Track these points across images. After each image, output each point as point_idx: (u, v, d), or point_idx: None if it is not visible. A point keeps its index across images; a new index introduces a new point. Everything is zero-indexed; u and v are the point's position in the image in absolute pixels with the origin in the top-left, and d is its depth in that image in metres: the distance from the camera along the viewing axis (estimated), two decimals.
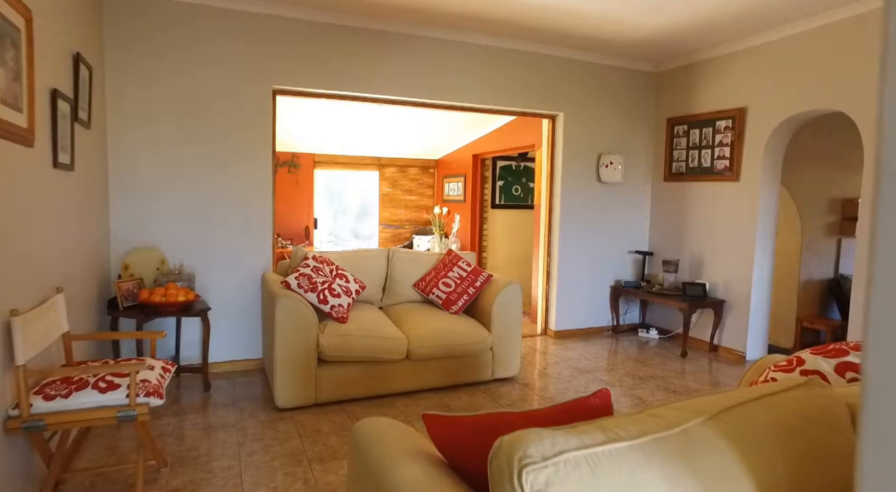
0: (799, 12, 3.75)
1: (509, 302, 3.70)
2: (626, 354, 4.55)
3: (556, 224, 4.97)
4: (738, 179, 4.43)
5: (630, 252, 5.32)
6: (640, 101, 5.19)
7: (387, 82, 4.18)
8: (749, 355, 4.44)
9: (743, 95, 4.38)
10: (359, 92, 4.12)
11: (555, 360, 4.32)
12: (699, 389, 3.71)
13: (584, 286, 5.12)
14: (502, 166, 7.63)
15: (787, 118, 4.08)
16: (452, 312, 3.73)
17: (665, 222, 5.17)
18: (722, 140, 4.54)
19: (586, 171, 5.00)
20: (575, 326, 5.11)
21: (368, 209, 8.58)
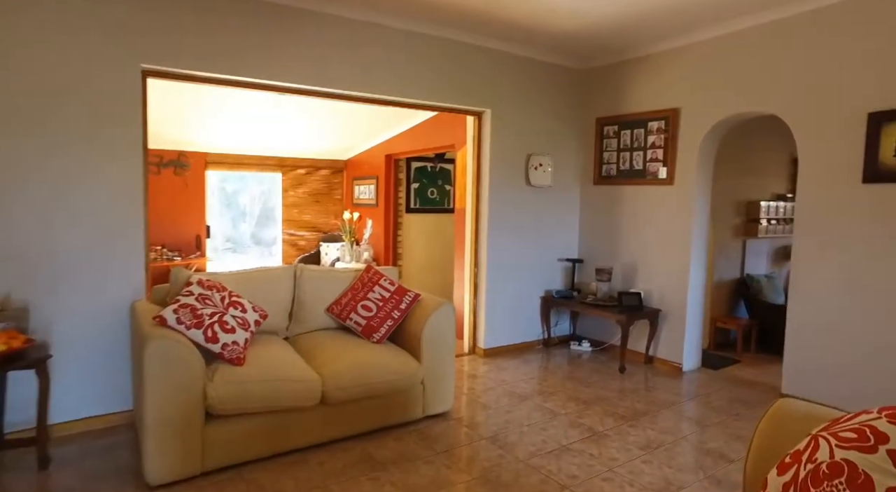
0: (730, 12, 3.58)
1: (441, 327, 3.18)
2: (563, 372, 4.20)
3: (483, 232, 4.54)
4: (671, 182, 4.24)
5: (560, 260, 5.01)
6: (568, 100, 4.89)
7: (292, 68, 3.50)
8: (685, 366, 4.27)
9: (675, 96, 4.19)
10: (257, 78, 3.41)
11: (488, 384, 3.87)
12: (647, 410, 3.42)
13: (514, 299, 4.74)
14: (417, 168, 7.12)
15: (720, 120, 3.93)
16: (374, 340, 3.15)
17: (595, 228, 4.92)
18: (654, 142, 4.33)
19: (515, 173, 4.61)
20: (505, 343, 4.71)
21: (271, 214, 7.71)
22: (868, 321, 3.23)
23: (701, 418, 3.32)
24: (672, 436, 3.05)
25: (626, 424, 3.21)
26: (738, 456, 2.82)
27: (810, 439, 1.30)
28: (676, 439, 3.00)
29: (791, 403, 1.65)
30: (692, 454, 2.83)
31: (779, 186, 6.56)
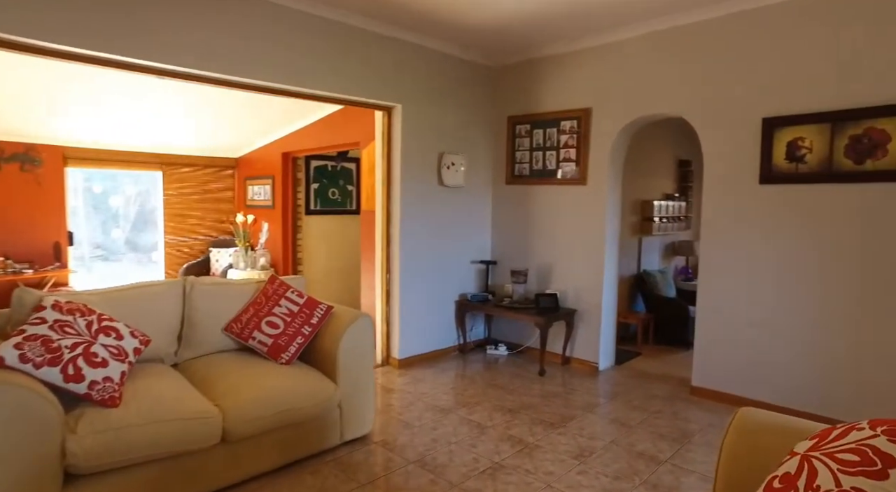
0: (637, 16, 3.63)
1: (359, 342, 2.86)
2: (483, 379, 4.05)
3: (395, 235, 4.26)
4: (584, 182, 4.25)
5: (473, 262, 4.87)
6: (481, 98, 4.76)
7: (172, 48, 2.98)
8: (602, 365, 4.30)
9: (587, 96, 4.20)
10: (130, 57, 2.86)
11: (408, 399, 3.60)
12: (572, 414, 3.35)
13: (428, 304, 4.51)
14: (317, 167, 6.66)
15: (630, 121, 3.99)
16: (283, 361, 2.76)
17: (509, 229, 4.84)
18: (567, 141, 4.32)
19: (427, 172, 4.39)
20: (420, 351, 4.47)
21: (150, 217, 6.83)
22: (768, 313, 3.41)
23: (625, 419, 3.31)
24: (601, 441, 2.99)
25: (555, 431, 3.10)
26: (666, 457, 2.81)
27: (801, 461, 1.20)
28: (606, 444, 2.95)
29: (752, 413, 1.57)
30: (625, 459, 2.77)
31: (667, 187, 6.97)
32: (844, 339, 3.13)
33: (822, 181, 3.16)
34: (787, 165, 3.28)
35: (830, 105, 3.12)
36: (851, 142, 3.06)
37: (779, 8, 3.27)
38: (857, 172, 3.05)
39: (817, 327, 3.22)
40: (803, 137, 3.21)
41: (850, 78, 3.05)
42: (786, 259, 3.33)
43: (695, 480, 2.57)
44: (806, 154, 3.21)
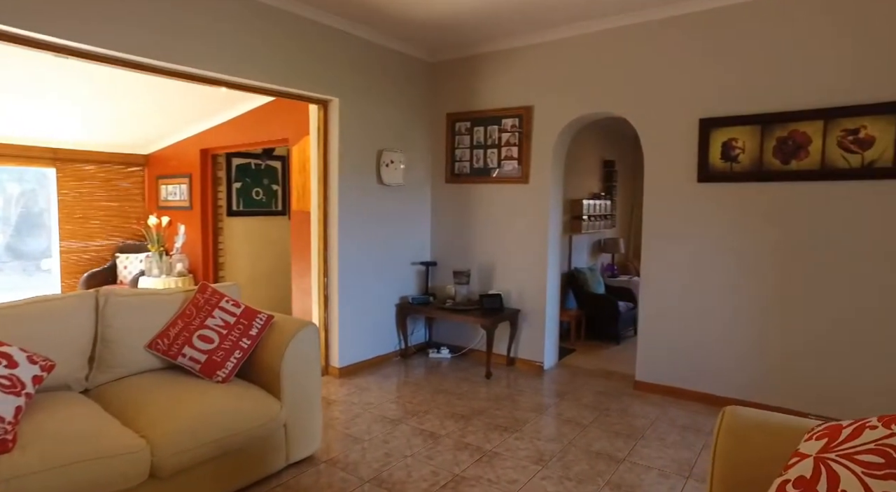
0: (578, 15, 3.64)
1: (305, 354, 2.62)
2: (430, 384, 3.90)
3: (333, 236, 4.01)
4: (527, 180, 4.22)
5: (414, 263, 4.71)
6: (420, 93, 4.61)
7: (75, 20, 2.58)
8: (547, 364, 4.30)
9: (529, 94, 4.17)
10: (19, 27, 2.43)
11: (353, 410, 3.38)
12: (526, 417, 3.29)
13: (368, 308, 4.30)
14: (239, 165, 6.21)
15: (572, 119, 4.00)
16: (219, 380, 2.46)
17: (449, 229, 4.72)
18: (509, 140, 4.27)
19: (366, 170, 4.18)
20: (361, 358, 4.25)
21: (38, 220, 6.05)
22: (708, 308, 3.53)
23: (577, 419, 3.29)
24: (559, 443, 2.94)
25: (511, 436, 3.02)
26: (623, 455, 2.81)
27: (816, 464, 1.16)
28: (564, 446, 2.90)
29: (739, 412, 1.54)
30: (585, 460, 2.74)
31: (594, 186, 7.18)
32: (780, 329, 3.30)
33: (754, 180, 3.31)
34: (723, 164, 3.41)
35: (760, 108, 3.27)
36: (778, 143, 3.23)
37: (712, 14, 3.39)
38: (783, 172, 3.23)
39: (754, 319, 3.38)
40: (737, 138, 3.35)
41: (777, 83, 3.22)
42: (723, 255, 3.46)
43: (655, 476, 2.58)
44: (739, 154, 3.35)
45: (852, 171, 3.04)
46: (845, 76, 3.03)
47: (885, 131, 2.95)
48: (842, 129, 3.05)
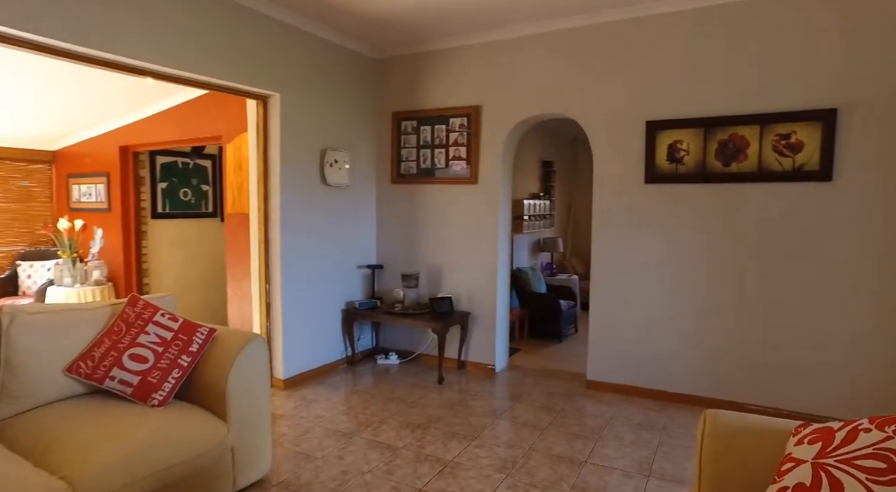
0: (532, 14, 3.62)
1: (254, 369, 2.41)
2: (381, 393, 3.76)
3: (275, 240, 3.77)
4: (475, 181, 4.16)
5: (359, 267, 4.53)
6: (364, 91, 4.44)
7: None
8: (498, 367, 4.26)
9: (477, 93, 4.11)
10: None
11: (303, 425, 3.18)
12: (483, 423, 3.22)
13: (314, 315, 4.09)
14: (165, 164, 5.76)
15: (521, 119, 3.98)
16: (155, 403, 2.21)
17: (396, 231, 4.59)
18: (457, 139, 4.20)
19: (309, 170, 3.96)
20: (307, 368, 4.03)
21: None
22: (656, 306, 3.61)
23: (534, 422, 3.26)
24: (520, 448, 2.89)
25: (471, 444, 2.94)
26: (584, 457, 2.80)
27: (815, 471, 1.15)
28: (526, 452, 2.86)
29: (719, 416, 1.54)
30: (548, 465, 2.70)
31: (533, 186, 7.27)
32: (726, 324, 3.43)
33: (698, 181, 3.42)
34: (669, 165, 3.50)
35: (703, 112, 3.38)
36: (720, 146, 3.35)
37: (657, 19, 3.47)
38: (725, 173, 3.35)
39: (700, 316, 3.49)
40: (682, 140, 3.44)
41: (718, 89, 3.34)
42: (671, 254, 3.55)
43: (618, 477, 2.58)
44: (684, 156, 3.45)
45: (785, 173, 3.20)
46: (778, 84, 3.19)
47: (812, 137, 3.13)
48: (775, 133, 3.21)
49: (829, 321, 3.16)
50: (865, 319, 3.08)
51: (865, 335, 3.09)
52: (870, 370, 3.09)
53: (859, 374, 3.11)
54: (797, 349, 3.25)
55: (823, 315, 3.17)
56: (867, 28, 2.98)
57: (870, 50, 2.98)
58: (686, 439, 3.02)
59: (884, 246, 3.02)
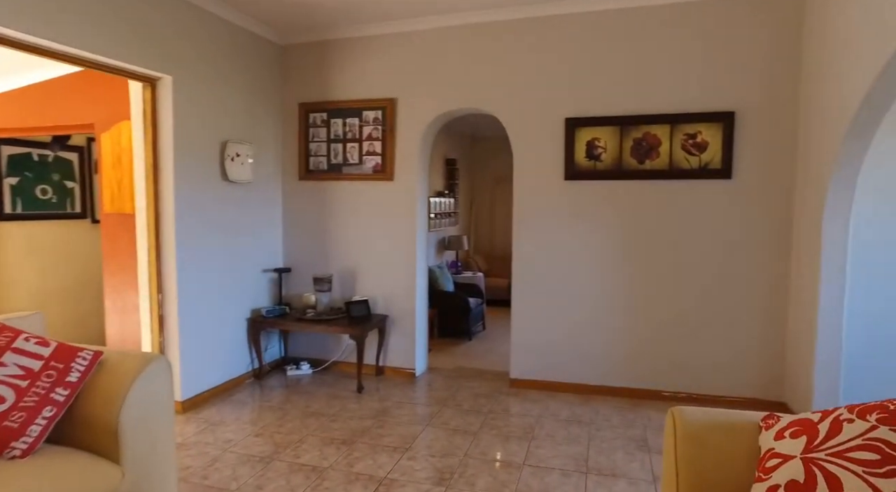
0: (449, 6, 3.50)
1: (155, 396, 2.04)
2: (296, 407, 3.44)
3: (169, 243, 3.31)
4: (391, 177, 3.97)
5: (265, 271, 4.15)
6: (269, 79, 4.05)
7: None
8: (419, 371, 4.11)
9: (393, 86, 3.91)
10: None
11: (211, 453, 2.80)
12: (412, 433, 3.05)
13: (215, 326, 3.66)
14: (16, 156, 4.89)
15: (439, 114, 3.86)
16: (17, 454, 1.77)
17: (305, 231, 4.25)
18: (371, 133, 3.97)
19: (208, 164, 3.53)
20: (209, 385, 3.60)
21: None
22: (575, 301, 3.67)
23: (465, 427, 3.15)
24: (454, 457, 2.76)
25: (403, 457, 2.76)
26: (521, 459, 2.73)
27: (807, 466, 1.12)
28: (461, 459, 2.73)
29: (686, 413, 1.51)
30: (486, 472, 2.60)
31: (438, 184, 7.22)
32: (640, 316, 3.55)
33: (616, 178, 3.51)
34: (588, 162, 3.56)
35: (619, 110, 3.48)
36: (635, 144, 3.47)
37: (577, 17, 3.50)
38: (640, 171, 3.47)
39: (617, 309, 3.59)
40: (599, 138, 3.52)
41: (633, 88, 3.45)
42: (589, 250, 3.62)
43: (558, 477, 2.54)
44: (602, 153, 3.52)
45: (692, 171, 3.39)
46: (685, 86, 3.36)
47: (715, 137, 3.33)
48: (684, 133, 3.38)
49: (733, 309, 3.39)
50: (763, 305, 3.35)
51: (765, 320, 3.35)
52: (771, 352, 3.35)
53: (762, 355, 3.37)
54: (706, 337, 3.45)
55: (727, 303, 3.40)
56: (752, 39, 3.22)
57: (756, 60, 3.23)
58: (612, 430, 3.08)
59: (777, 240, 3.29)
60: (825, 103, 2.86)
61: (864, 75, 2.43)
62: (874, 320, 3.12)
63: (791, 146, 3.24)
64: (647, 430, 3.09)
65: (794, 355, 3.21)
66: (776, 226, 3.29)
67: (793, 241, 3.26)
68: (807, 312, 3.02)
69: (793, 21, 3.18)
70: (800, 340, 3.12)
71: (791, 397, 3.24)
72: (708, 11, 3.29)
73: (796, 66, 3.19)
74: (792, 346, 3.24)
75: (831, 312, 2.86)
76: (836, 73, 2.74)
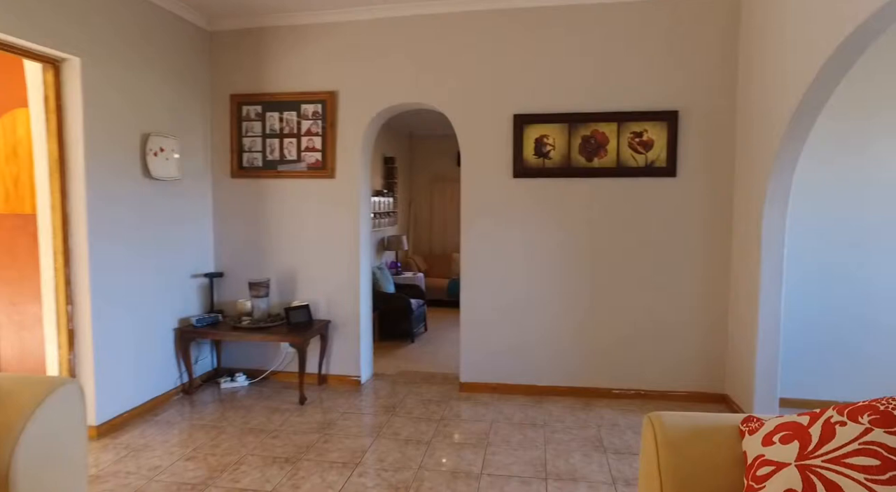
0: None
1: (62, 429, 1.75)
2: (232, 424, 3.16)
3: (80, 247, 2.93)
4: (333, 175, 3.75)
5: (194, 276, 3.81)
6: (195, 67, 3.72)
7: None
8: (364, 377, 3.91)
9: (334, 78, 3.70)
10: None
11: (134, 483, 2.49)
12: (362, 446, 2.87)
13: (136, 339, 3.31)
14: None
15: (383, 109, 3.68)
16: None
17: (238, 232, 3.94)
18: (311, 128, 3.73)
19: (126, 159, 3.17)
20: (130, 406, 3.24)
21: None
22: (525, 301, 3.61)
23: (416, 436, 3.01)
24: (408, 470, 2.61)
25: (354, 474, 2.57)
26: (479, 468, 2.62)
27: (804, 475, 1.07)
28: (416, 473, 2.58)
29: (665, 420, 1.44)
30: (444, 485, 2.46)
31: (376, 183, 7.02)
32: (590, 315, 3.54)
33: (564, 176, 3.48)
34: (536, 160, 3.50)
35: (568, 107, 3.45)
36: (583, 141, 3.45)
37: (526, 13, 3.44)
38: (588, 168, 3.46)
39: (568, 308, 3.56)
40: (548, 135, 3.47)
41: (581, 85, 3.43)
42: (539, 249, 3.57)
43: (517, 485, 2.45)
44: (551, 151, 3.48)
45: (639, 169, 3.41)
46: (632, 85, 3.38)
47: (660, 136, 3.38)
48: (630, 131, 3.40)
49: (679, 306, 3.45)
50: (706, 302, 3.42)
51: (709, 316, 3.43)
52: (714, 347, 3.44)
53: (706, 350, 3.45)
54: (654, 334, 3.49)
55: (674, 300, 3.45)
56: (695, 39, 3.29)
57: (698, 60, 3.30)
58: (567, 432, 3.03)
59: (719, 238, 3.38)
60: (763, 105, 2.94)
61: (799, 79, 2.50)
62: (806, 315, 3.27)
63: (731, 145, 3.33)
64: (601, 429, 3.07)
65: (735, 349, 3.30)
66: (718, 224, 3.38)
67: (733, 238, 3.36)
68: (749, 306, 3.10)
69: (731, 23, 3.27)
70: (742, 332, 3.21)
71: (732, 390, 3.33)
72: (655, 10, 3.32)
73: (735, 67, 3.28)
74: (734, 339, 3.33)
75: (772, 305, 2.95)
76: (771, 75, 2.83)
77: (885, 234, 3.21)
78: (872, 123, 3.16)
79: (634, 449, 2.81)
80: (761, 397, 3.00)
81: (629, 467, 2.61)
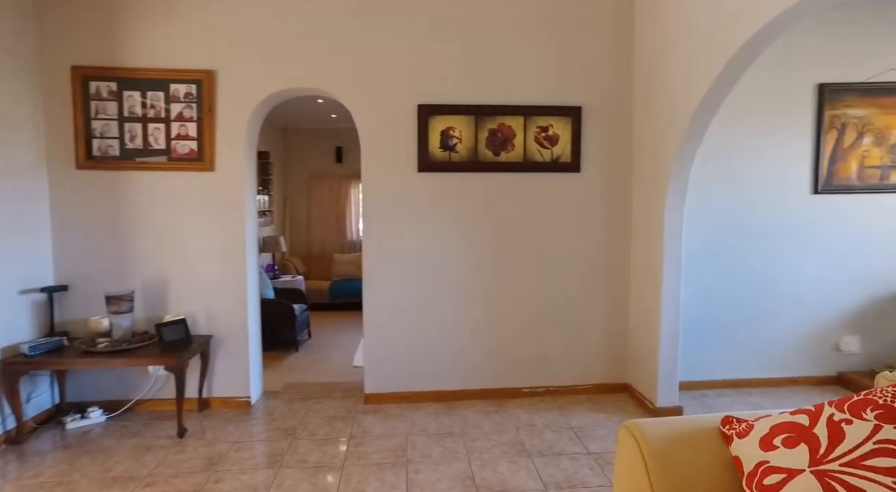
0: None
1: None
2: (88, 476, 2.55)
3: None
4: (211, 167, 3.24)
5: (24, 292, 3.05)
6: (19, 29, 2.95)
7: None
8: (254, 397, 3.44)
9: (211, 55, 3.18)
10: None
11: None
12: (267, 481, 2.46)
13: None
14: None
15: (271, 94, 3.25)
16: None
17: (88, 236, 3.24)
18: (183, 112, 3.18)
19: None
20: None
21: None
22: (431, 302, 3.41)
23: (328, 462, 2.67)
24: None
25: None
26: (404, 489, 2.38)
27: (823, 482, 1.00)
28: None
29: (644, 429, 1.33)
30: None
31: None
32: (497, 314, 3.45)
33: (471, 170, 3.35)
34: (442, 153, 3.32)
35: (474, 99, 3.31)
36: (490, 135, 3.35)
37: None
38: (495, 163, 3.36)
39: (474, 307, 3.43)
40: (454, 127, 3.31)
41: (488, 77, 3.31)
42: (444, 247, 3.39)
43: None
44: (457, 144, 3.33)
45: (545, 164, 3.39)
46: (538, 79, 3.34)
47: (564, 131, 3.39)
48: (537, 126, 3.36)
49: (583, 301, 3.50)
50: (608, 294, 3.51)
51: (610, 309, 3.52)
52: (616, 338, 3.53)
53: (608, 342, 3.53)
54: (559, 329, 3.50)
55: (577, 296, 3.49)
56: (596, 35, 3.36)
57: (599, 56, 3.37)
58: (487, 439, 2.90)
59: (619, 234, 3.48)
60: (661, 106, 3.06)
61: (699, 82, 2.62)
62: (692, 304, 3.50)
63: (628, 143, 3.44)
64: (520, 431, 2.98)
65: (637, 340, 3.42)
66: (619, 220, 3.48)
67: (633, 234, 3.48)
68: (651, 299, 3.22)
69: (627, 22, 3.38)
70: (644, 324, 3.33)
71: (634, 379, 3.45)
72: (559, 4, 3.32)
73: (630, 65, 3.40)
74: (635, 331, 3.45)
75: (672, 297, 3.08)
76: (667, 75, 2.95)
77: (746, 224, 3.53)
78: (736, 129, 3.46)
79: (556, 449, 2.75)
80: (664, 385, 3.13)
81: (557, 470, 2.54)
